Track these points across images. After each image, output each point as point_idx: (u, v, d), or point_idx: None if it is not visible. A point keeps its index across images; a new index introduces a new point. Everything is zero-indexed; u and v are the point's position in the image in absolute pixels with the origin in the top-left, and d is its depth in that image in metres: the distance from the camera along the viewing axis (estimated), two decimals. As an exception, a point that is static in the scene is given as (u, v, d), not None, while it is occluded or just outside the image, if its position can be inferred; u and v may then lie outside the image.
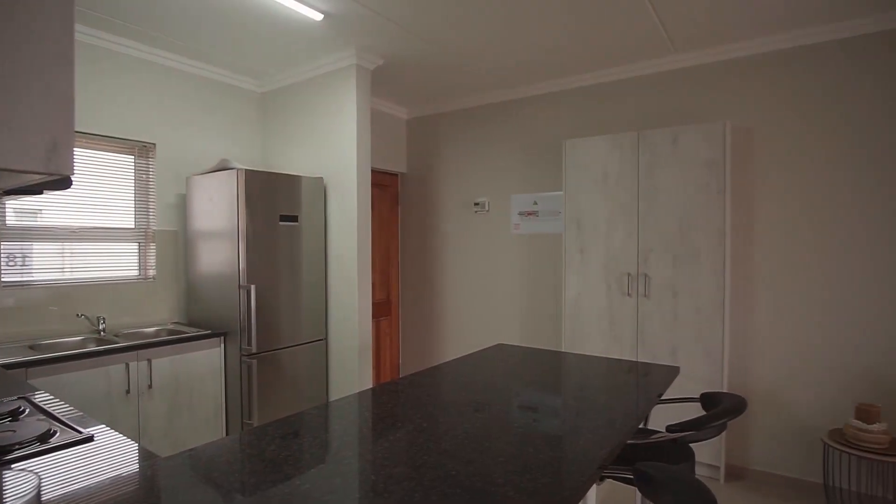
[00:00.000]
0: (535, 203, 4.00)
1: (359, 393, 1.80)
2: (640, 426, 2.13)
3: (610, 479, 1.61)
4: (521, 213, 4.08)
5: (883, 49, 2.80)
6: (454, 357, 3.99)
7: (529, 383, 1.94)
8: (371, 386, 3.41)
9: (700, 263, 3.05)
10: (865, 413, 2.57)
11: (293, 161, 3.75)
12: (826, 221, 2.96)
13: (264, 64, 3.54)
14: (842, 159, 2.92)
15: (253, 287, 3.06)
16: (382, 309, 4.64)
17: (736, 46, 3.16)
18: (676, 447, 1.81)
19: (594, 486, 2.05)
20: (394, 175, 4.79)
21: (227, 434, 3.16)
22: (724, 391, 3.02)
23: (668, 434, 1.54)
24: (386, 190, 4.70)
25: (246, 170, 3.06)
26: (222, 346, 3.13)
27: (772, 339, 3.11)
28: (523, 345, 4.06)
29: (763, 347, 3.14)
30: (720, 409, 1.61)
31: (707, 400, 1.88)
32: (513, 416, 1.55)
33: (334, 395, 3.54)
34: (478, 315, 4.36)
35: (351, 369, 3.44)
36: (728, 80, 3.24)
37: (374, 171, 4.45)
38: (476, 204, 4.33)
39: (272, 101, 3.89)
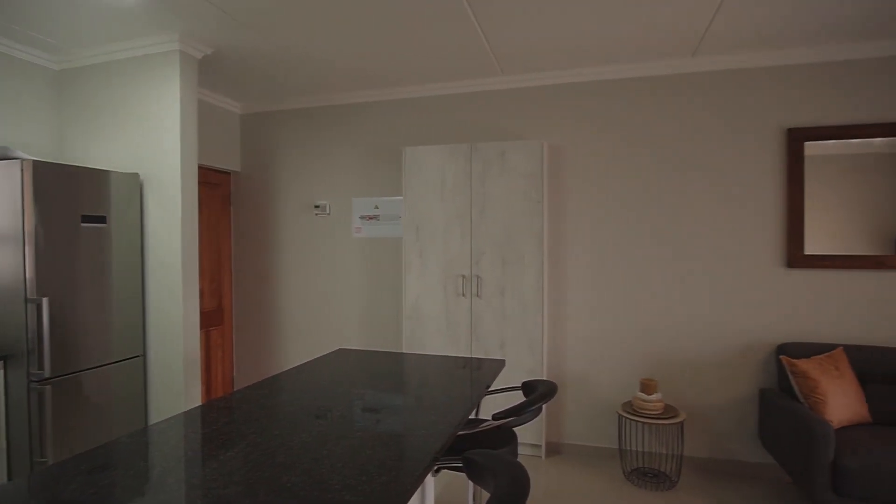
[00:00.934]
0: (377, 207, 4.07)
1: (185, 413, 1.65)
2: (473, 417, 2.32)
3: (445, 470, 1.74)
4: (362, 217, 4.11)
5: (656, 89, 3.46)
6: (295, 365, 3.86)
7: (371, 386, 1.98)
8: (200, 404, 3.14)
9: (524, 265, 3.42)
10: (646, 386, 3.14)
11: (100, 153, 3.26)
12: (621, 229, 3.54)
13: (61, 37, 3.02)
14: (633, 174, 3.52)
15: (45, 300, 2.59)
16: (213, 318, 4.28)
17: (550, 74, 3.61)
18: (502, 433, 2.02)
19: (432, 478, 2.18)
20: (225, 173, 4.45)
21: (9, 479, 2.62)
22: (543, 378, 3.43)
23: (493, 422, 1.71)
24: (216, 189, 4.34)
25: (34, 161, 2.58)
26: (1, 371, 2.60)
27: (580, 330, 3.61)
28: (365, 348, 4.10)
29: (574, 338, 3.63)
30: (536, 395, 1.84)
31: (527, 387, 2.13)
32: (355, 419, 1.58)
33: (156, 418, 3.17)
34: (319, 321, 4.28)
35: (175, 387, 3.11)
36: (545, 103, 3.68)
37: (202, 168, 4.08)
38: (317, 206, 4.25)
39: (72, 82, 3.33)
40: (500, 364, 2.36)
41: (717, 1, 2.57)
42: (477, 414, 2.36)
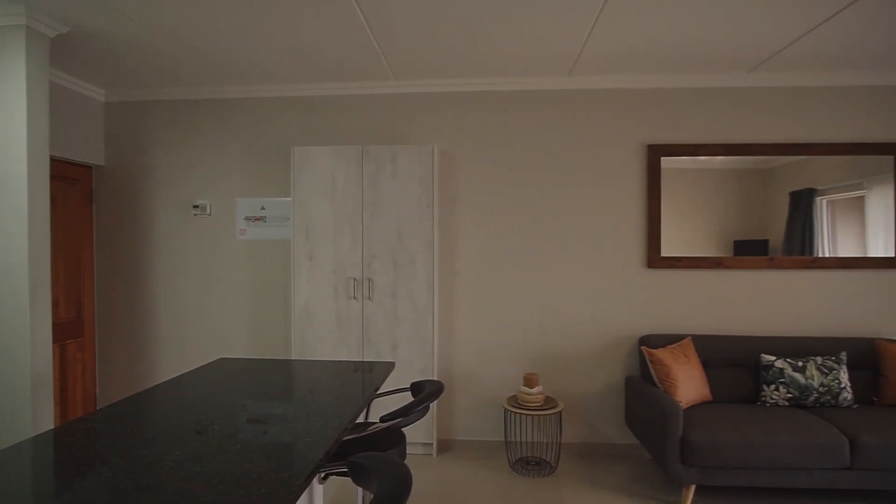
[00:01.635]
0: (263, 208, 3.89)
1: (33, 438, 1.47)
2: (363, 420, 2.32)
3: (333, 476, 1.72)
4: (247, 218, 3.91)
5: (541, 103, 3.71)
6: (170, 378, 3.56)
7: (257, 395, 1.90)
8: (53, 427, 2.80)
9: (415, 268, 3.48)
10: (529, 380, 3.36)
11: (-82, 139, 2.76)
12: (507, 234, 3.75)
13: None
14: (520, 182, 3.74)
15: None
16: (70, 330, 3.80)
17: (442, 82, 3.71)
18: (391, 434, 2.05)
19: (319, 485, 2.15)
20: (86, 167, 3.97)
21: None
22: (433, 378, 3.51)
23: (381, 424, 1.73)
24: (75, 185, 3.87)
25: None
26: None
27: (469, 330, 3.76)
28: (253, 356, 3.90)
29: (463, 337, 3.77)
30: (423, 395, 1.89)
31: (415, 388, 2.18)
32: (238, 432, 1.51)
33: (-7, 447, 2.75)
34: (199, 329, 3.99)
35: (20, 411, 2.73)
36: (437, 110, 3.78)
37: (56, 161, 3.61)
38: (196, 206, 3.95)
39: None
40: (389, 366, 2.39)
41: (587, 29, 2.83)
42: (367, 417, 2.36)
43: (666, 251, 3.66)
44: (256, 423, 1.60)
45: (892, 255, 3.57)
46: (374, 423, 2.01)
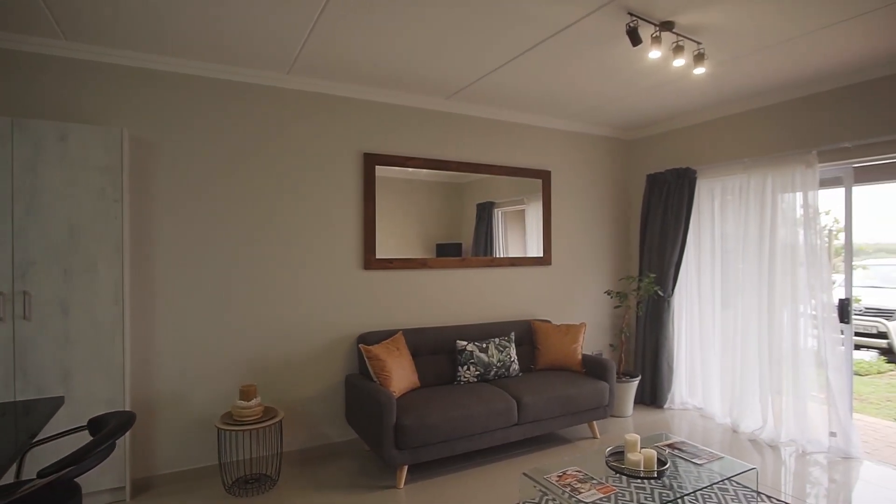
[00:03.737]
0: None
1: None
2: (14, 480, 1.77)
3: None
4: None
5: (260, 99, 3.50)
6: None
7: None
8: None
9: (97, 276, 2.83)
10: (245, 393, 3.13)
11: None
12: (218, 236, 3.40)
13: None
14: (235, 181, 3.43)
15: None
16: None
17: (137, 56, 3.12)
18: (59, 489, 1.61)
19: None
20: None
21: None
22: (123, 409, 2.94)
23: (39, 481, 1.33)
24: None
25: None
26: None
27: (172, 344, 3.27)
28: None
29: (165, 354, 3.26)
30: (104, 432, 1.54)
31: (95, 424, 1.77)
32: None
33: None
34: None
35: None
36: (128, 86, 3.16)
37: None
38: None
39: None
40: (57, 402, 1.88)
41: (307, 29, 2.80)
42: (20, 474, 1.80)
43: (381, 253, 3.92)
44: None
45: (541, 255, 4.67)
46: (30, 480, 1.54)
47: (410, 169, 4.05)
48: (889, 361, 6.77)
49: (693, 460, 2.70)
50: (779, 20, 2.71)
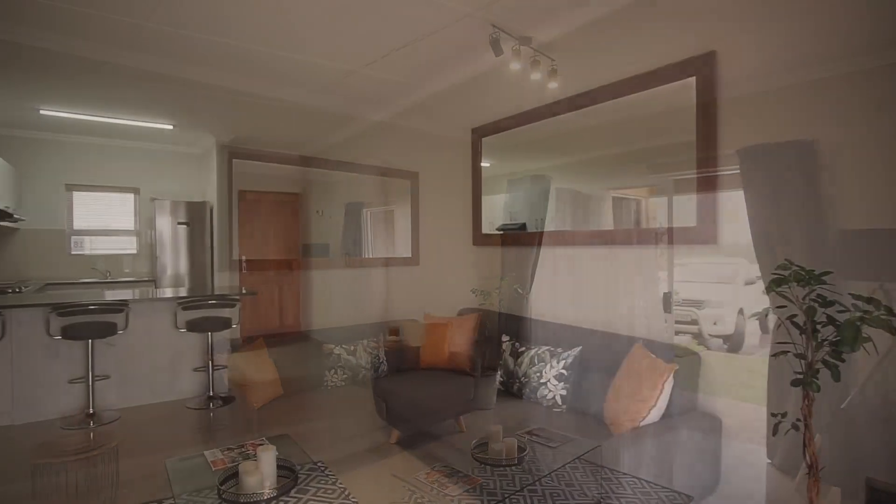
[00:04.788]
0: None
1: None
2: None
3: None
4: None
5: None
6: None
7: None
8: None
9: None
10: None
11: None
12: None
13: None
14: None
15: None
16: None
17: None
18: None
19: None
20: None
21: None
22: None
23: None
24: None
25: None
26: None
27: None
28: None
29: None
30: None
31: None
32: None
33: None
34: None
35: None
36: None
37: None
38: None
39: None
40: None
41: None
42: None
43: (249, 255, 3.67)
44: None
45: (410, 255, 4.73)
46: None
47: (274, 164, 3.83)
48: (699, 344, 8.07)
49: (548, 444, 2.92)
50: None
